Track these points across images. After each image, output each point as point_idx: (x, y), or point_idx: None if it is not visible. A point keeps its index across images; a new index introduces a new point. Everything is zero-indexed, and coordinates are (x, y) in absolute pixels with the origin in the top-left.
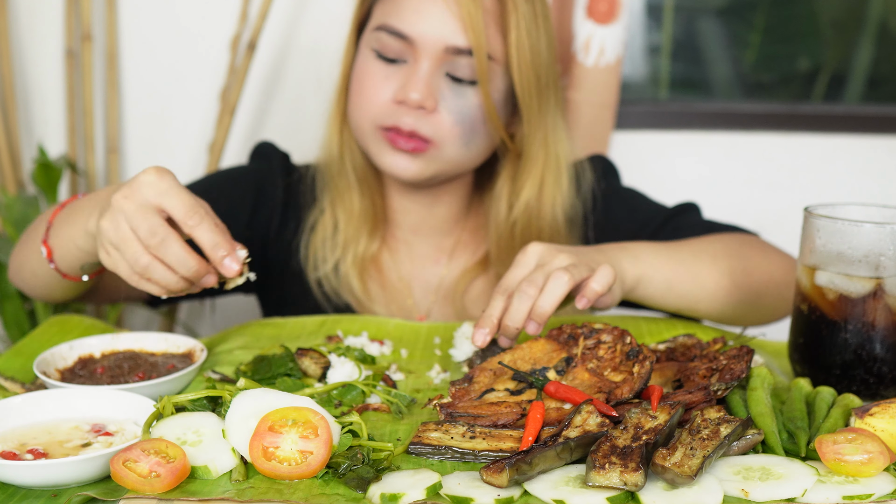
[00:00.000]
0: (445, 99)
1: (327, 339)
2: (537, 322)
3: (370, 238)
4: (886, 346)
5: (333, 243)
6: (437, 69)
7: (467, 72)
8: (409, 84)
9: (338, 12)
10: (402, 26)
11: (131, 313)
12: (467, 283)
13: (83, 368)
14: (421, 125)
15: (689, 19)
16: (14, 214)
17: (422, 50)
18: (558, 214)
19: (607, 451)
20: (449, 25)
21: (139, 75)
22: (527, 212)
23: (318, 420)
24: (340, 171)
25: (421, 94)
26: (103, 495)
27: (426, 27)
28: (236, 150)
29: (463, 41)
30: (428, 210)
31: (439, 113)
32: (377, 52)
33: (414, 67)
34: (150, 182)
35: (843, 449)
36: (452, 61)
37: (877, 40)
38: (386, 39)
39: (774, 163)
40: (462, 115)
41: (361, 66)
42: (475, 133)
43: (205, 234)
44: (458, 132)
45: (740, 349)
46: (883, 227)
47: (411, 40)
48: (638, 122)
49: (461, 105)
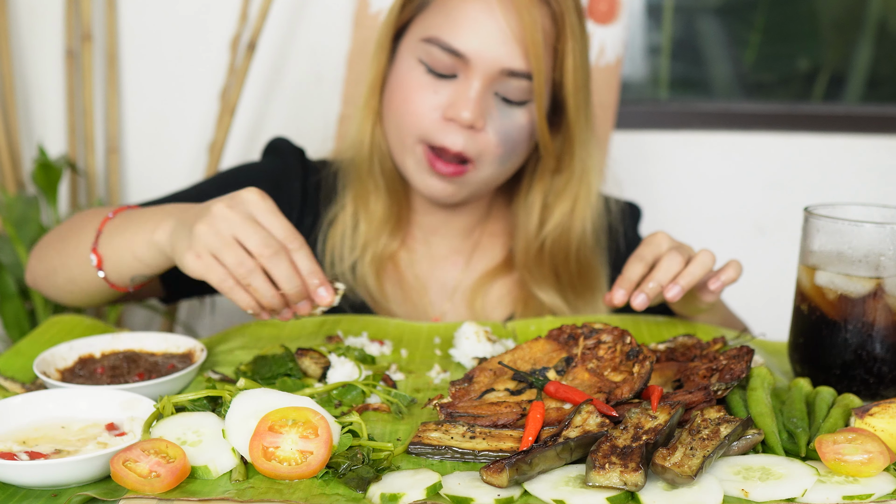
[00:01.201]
0: (493, 119)
1: (327, 339)
2: (682, 286)
3: (390, 238)
4: (886, 346)
5: (353, 242)
6: (487, 88)
7: (516, 93)
8: (460, 103)
9: (338, 12)
10: (458, 44)
11: (131, 313)
12: (486, 287)
13: (83, 368)
14: (468, 145)
15: (689, 19)
16: (14, 214)
17: (476, 69)
18: (588, 231)
19: (607, 451)
20: (507, 47)
21: (139, 75)
22: (558, 227)
23: (318, 420)
24: (369, 171)
25: (472, 114)
26: (103, 495)
27: (483, 46)
28: (236, 150)
29: (521, 65)
30: (450, 214)
31: (486, 132)
32: (426, 66)
33: (465, 85)
34: (253, 200)
35: (843, 449)
36: (504, 82)
37: (877, 40)
38: (437, 54)
39: (774, 163)
40: (507, 134)
41: (406, 75)
42: (514, 153)
43: (304, 259)
44: (499, 152)
45: (740, 349)
46: (883, 227)
47: (466, 59)
48: (638, 122)
49: (507, 125)
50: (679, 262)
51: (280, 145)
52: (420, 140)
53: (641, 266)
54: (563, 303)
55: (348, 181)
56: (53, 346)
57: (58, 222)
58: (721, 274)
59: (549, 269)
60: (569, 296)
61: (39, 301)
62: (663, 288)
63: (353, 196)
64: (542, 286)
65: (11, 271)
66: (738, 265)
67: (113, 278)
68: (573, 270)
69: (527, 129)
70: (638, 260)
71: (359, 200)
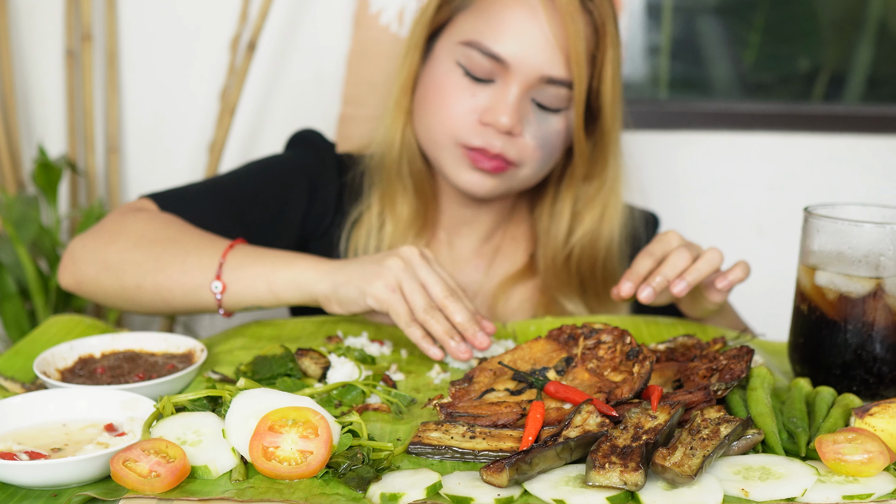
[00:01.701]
0: (530, 124)
1: (327, 339)
2: (688, 282)
3: (416, 240)
4: (886, 346)
5: (378, 242)
6: (525, 94)
7: (554, 101)
8: (498, 108)
9: (338, 12)
10: (499, 49)
11: (131, 314)
12: (507, 291)
13: (83, 368)
14: (508, 149)
15: (689, 19)
16: (14, 214)
17: (515, 74)
18: (615, 239)
19: (607, 450)
20: (547, 54)
21: (139, 75)
22: (587, 235)
23: (318, 420)
24: (398, 172)
25: (510, 120)
26: (103, 495)
27: (524, 53)
28: (236, 150)
29: (562, 73)
30: (474, 213)
31: (523, 138)
32: (464, 69)
33: (504, 90)
34: (418, 255)
35: (843, 449)
36: (542, 89)
37: (877, 40)
38: (477, 58)
39: (774, 163)
40: (545, 140)
41: (443, 77)
42: (552, 157)
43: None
44: (538, 156)
45: (740, 349)
46: (883, 227)
47: (507, 64)
48: (638, 122)
49: (544, 131)
50: (687, 259)
51: (313, 139)
52: (457, 142)
53: (650, 261)
54: (587, 310)
55: (375, 181)
56: (53, 346)
57: (58, 222)
58: (728, 273)
59: (575, 276)
60: (592, 303)
61: (39, 301)
62: (669, 283)
63: (380, 196)
64: (567, 293)
65: (11, 271)
66: (746, 266)
67: (227, 304)
68: (599, 278)
69: (562, 136)
70: (647, 255)
71: (386, 200)
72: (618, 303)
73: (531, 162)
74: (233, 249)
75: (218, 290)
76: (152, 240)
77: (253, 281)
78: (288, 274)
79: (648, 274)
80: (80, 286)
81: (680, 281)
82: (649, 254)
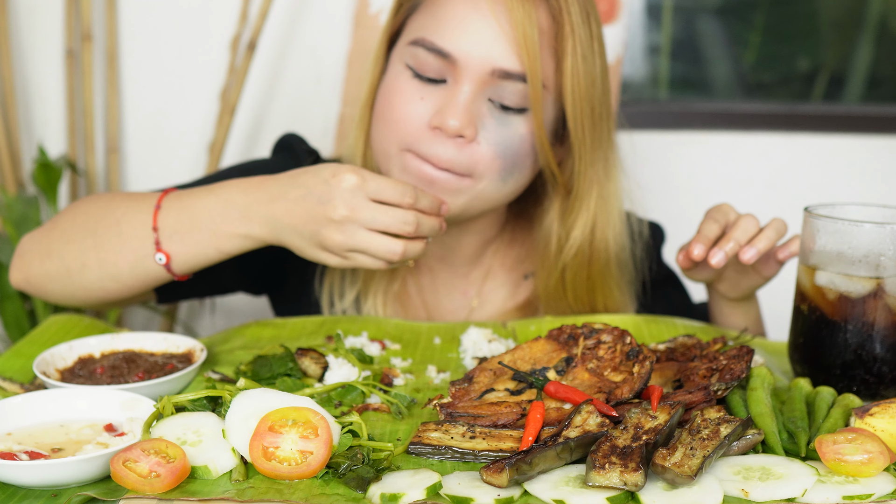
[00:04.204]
0: (486, 128)
1: (327, 339)
2: (759, 249)
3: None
4: (886, 346)
5: (354, 276)
6: (479, 93)
7: (513, 98)
8: (447, 109)
9: (338, 12)
10: (444, 43)
11: (131, 313)
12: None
13: (83, 368)
14: (457, 159)
15: (689, 19)
16: (14, 214)
17: (464, 71)
18: (611, 256)
19: (607, 451)
20: (499, 45)
21: (139, 75)
22: (579, 254)
23: (318, 420)
24: None
25: (461, 122)
26: (103, 495)
27: (472, 46)
28: (236, 150)
29: (515, 65)
30: (455, 239)
31: (479, 144)
32: (413, 70)
33: (454, 90)
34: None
35: (843, 449)
36: (497, 86)
37: (877, 40)
38: (423, 56)
39: (774, 163)
40: (504, 146)
41: (392, 82)
42: (515, 168)
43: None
44: (497, 166)
45: (740, 349)
46: (883, 227)
47: (453, 59)
48: (638, 122)
49: (504, 135)
50: (755, 225)
51: (294, 144)
52: (404, 149)
53: (716, 227)
54: None
55: None
56: (53, 346)
57: None
58: (789, 245)
59: (571, 296)
60: None
61: (39, 301)
62: (741, 248)
63: None
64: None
65: None
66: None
67: (178, 271)
68: (598, 300)
69: (529, 141)
70: (712, 221)
71: None
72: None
73: (490, 174)
74: (161, 211)
75: (162, 261)
76: (88, 213)
77: (198, 248)
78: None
79: (716, 239)
80: (29, 281)
81: (750, 248)
82: (713, 220)
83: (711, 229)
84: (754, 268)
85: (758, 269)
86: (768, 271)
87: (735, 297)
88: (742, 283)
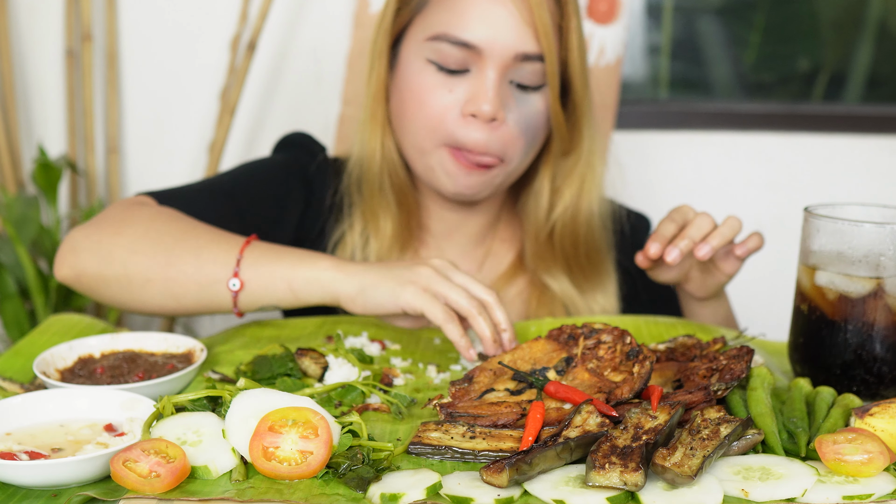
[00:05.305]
0: (511, 109)
1: (327, 339)
2: (713, 245)
3: (402, 253)
4: (886, 346)
5: (363, 257)
6: (503, 77)
7: (531, 78)
8: (479, 95)
9: (338, 12)
10: (468, 35)
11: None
12: (500, 291)
13: (83, 368)
14: (492, 141)
15: (689, 19)
16: (14, 214)
17: (489, 58)
18: (595, 213)
19: (607, 451)
20: (518, 31)
21: (139, 75)
22: (565, 212)
23: (318, 420)
24: (379, 188)
25: (493, 106)
26: (103, 495)
27: (495, 35)
28: (236, 150)
29: (534, 47)
30: (463, 218)
31: (507, 125)
32: (437, 64)
33: (481, 77)
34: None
35: (843, 449)
36: (517, 68)
37: (876, 40)
38: (447, 50)
39: (774, 163)
40: (526, 123)
41: (416, 78)
42: (535, 142)
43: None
44: (521, 144)
45: (740, 349)
46: (883, 227)
47: (478, 49)
48: (638, 122)
49: (524, 113)
50: (710, 224)
51: (305, 142)
52: (442, 143)
53: (673, 226)
54: (574, 288)
55: (355, 199)
56: (53, 346)
57: (58, 222)
58: (747, 242)
59: (559, 254)
60: (579, 280)
61: (39, 301)
62: (695, 245)
63: (362, 214)
64: (553, 273)
65: (11, 271)
66: (761, 236)
67: (243, 303)
68: (582, 254)
69: (544, 115)
70: (669, 221)
71: (368, 217)
72: (604, 278)
73: (516, 154)
74: (249, 246)
75: (236, 287)
76: (162, 231)
77: (272, 279)
78: (309, 273)
79: (672, 238)
80: (80, 279)
81: (704, 244)
82: (671, 220)
83: (668, 228)
84: (717, 266)
85: (720, 267)
86: (730, 268)
87: (703, 296)
88: (707, 281)
